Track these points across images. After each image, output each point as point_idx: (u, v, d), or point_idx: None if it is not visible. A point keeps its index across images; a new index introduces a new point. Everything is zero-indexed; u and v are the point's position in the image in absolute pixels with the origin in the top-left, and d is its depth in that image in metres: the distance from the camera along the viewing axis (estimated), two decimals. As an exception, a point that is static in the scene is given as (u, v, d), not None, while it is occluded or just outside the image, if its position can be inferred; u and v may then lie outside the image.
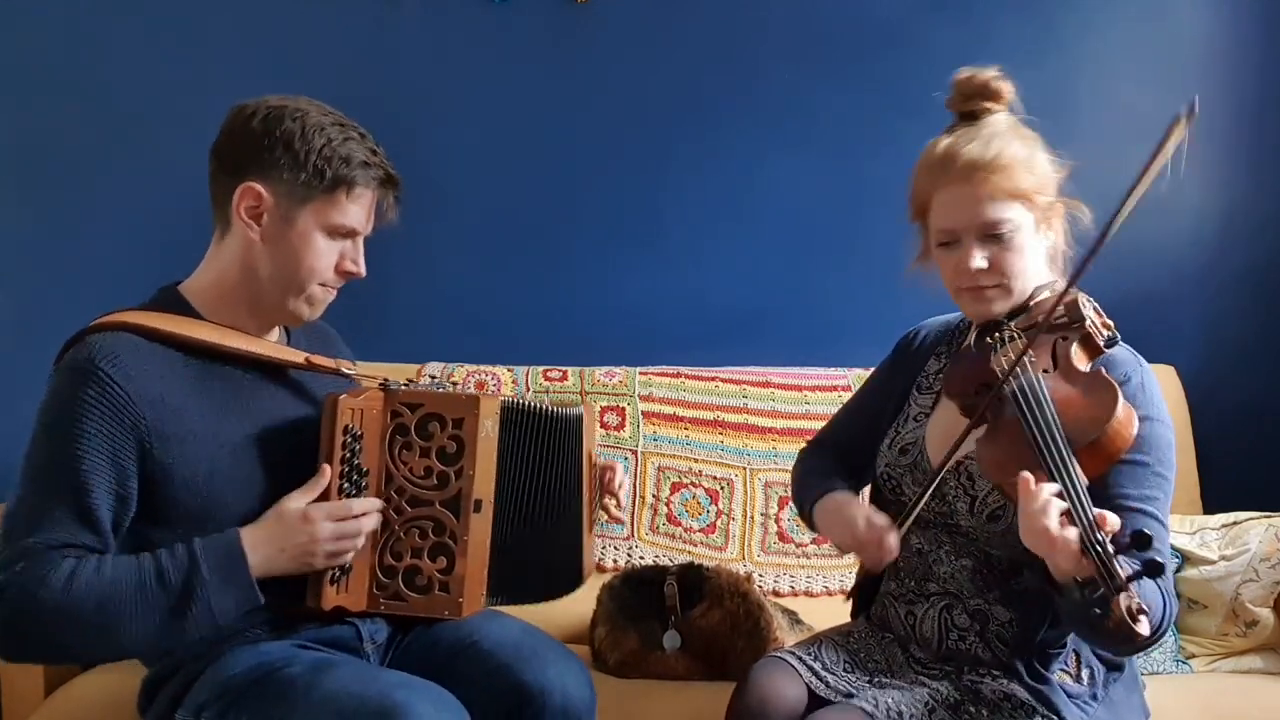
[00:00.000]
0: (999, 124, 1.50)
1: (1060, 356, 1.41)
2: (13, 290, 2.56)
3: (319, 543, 1.42)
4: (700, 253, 2.58)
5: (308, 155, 1.44)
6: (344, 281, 1.54)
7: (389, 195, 1.53)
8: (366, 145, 1.49)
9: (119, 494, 1.36)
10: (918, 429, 1.58)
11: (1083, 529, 1.18)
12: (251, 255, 1.47)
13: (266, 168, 1.44)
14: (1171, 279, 2.53)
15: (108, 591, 1.31)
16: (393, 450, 1.51)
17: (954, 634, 1.50)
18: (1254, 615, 2.03)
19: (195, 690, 1.44)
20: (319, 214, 1.46)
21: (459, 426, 1.52)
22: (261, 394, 1.51)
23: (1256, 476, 2.42)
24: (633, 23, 2.52)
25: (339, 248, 1.50)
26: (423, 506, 1.52)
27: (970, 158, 1.46)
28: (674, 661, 1.91)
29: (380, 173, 1.50)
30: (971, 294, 1.50)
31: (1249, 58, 2.50)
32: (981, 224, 1.46)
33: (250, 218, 1.46)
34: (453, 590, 1.52)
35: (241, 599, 1.38)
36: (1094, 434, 1.28)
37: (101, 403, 1.35)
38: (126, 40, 2.52)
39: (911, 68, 2.50)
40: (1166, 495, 1.39)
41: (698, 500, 2.31)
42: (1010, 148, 1.47)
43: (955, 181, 1.47)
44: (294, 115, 1.46)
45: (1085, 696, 1.44)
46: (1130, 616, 1.10)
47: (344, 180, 1.46)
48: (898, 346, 1.73)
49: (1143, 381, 1.43)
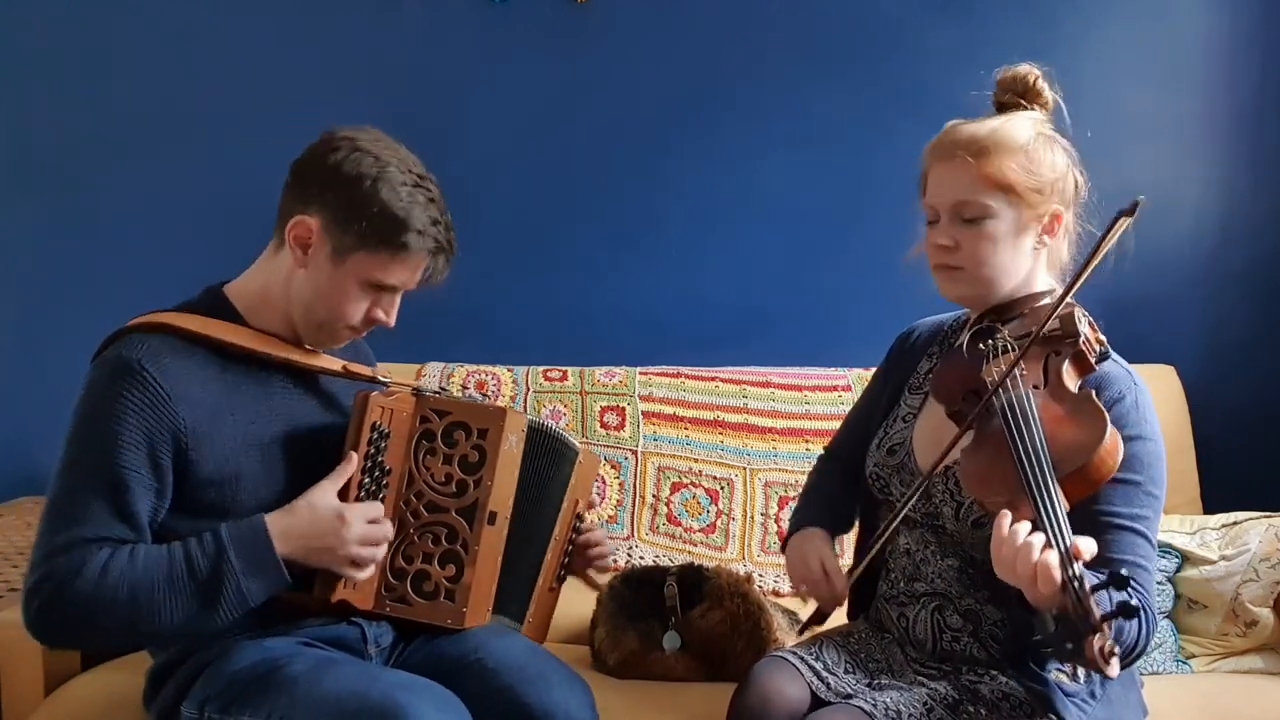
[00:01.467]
0: (1017, 117, 1.49)
1: (1051, 372, 1.40)
2: (14, 290, 2.57)
3: (347, 544, 1.43)
4: (700, 253, 2.58)
5: (369, 208, 1.44)
6: (371, 328, 1.54)
7: (439, 261, 1.52)
8: (430, 213, 1.48)
9: (156, 489, 1.39)
10: (905, 429, 1.58)
11: (1062, 561, 1.16)
12: (294, 278, 1.49)
13: (328, 205, 1.45)
14: (1171, 279, 2.53)
15: (139, 580, 1.34)
16: (417, 454, 1.53)
17: (947, 635, 1.50)
18: (1254, 615, 2.03)
19: (200, 683, 1.45)
20: (363, 266, 1.47)
21: (483, 437, 1.53)
22: (293, 399, 1.53)
23: (1256, 476, 2.42)
24: (633, 23, 2.52)
25: (374, 297, 1.51)
26: (439, 513, 1.53)
27: (961, 137, 1.47)
28: (674, 662, 1.91)
29: (433, 243, 1.49)
30: (940, 272, 1.51)
31: (1249, 58, 2.50)
32: (956, 203, 1.47)
33: (298, 246, 1.47)
34: (458, 599, 1.52)
35: (270, 582, 1.40)
36: (1080, 461, 1.26)
37: (143, 402, 1.37)
38: (130, 41, 2.53)
39: (911, 68, 2.50)
40: (1156, 514, 1.39)
41: (698, 500, 2.31)
42: (1009, 136, 1.46)
43: (944, 159, 1.48)
44: (375, 164, 1.45)
45: (1083, 695, 1.44)
46: (1102, 657, 1.08)
47: (396, 243, 1.46)
48: (893, 346, 1.74)
49: (1136, 400, 1.41)
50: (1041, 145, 1.48)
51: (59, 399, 1.44)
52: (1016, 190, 1.45)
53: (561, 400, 2.35)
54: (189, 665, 1.48)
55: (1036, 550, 1.18)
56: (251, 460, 1.46)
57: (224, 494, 1.44)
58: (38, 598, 1.34)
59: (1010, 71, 1.54)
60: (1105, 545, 1.32)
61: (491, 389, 2.35)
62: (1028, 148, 1.46)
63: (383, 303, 1.52)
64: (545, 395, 2.35)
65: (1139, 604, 1.14)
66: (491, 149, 2.56)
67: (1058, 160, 1.48)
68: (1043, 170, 1.47)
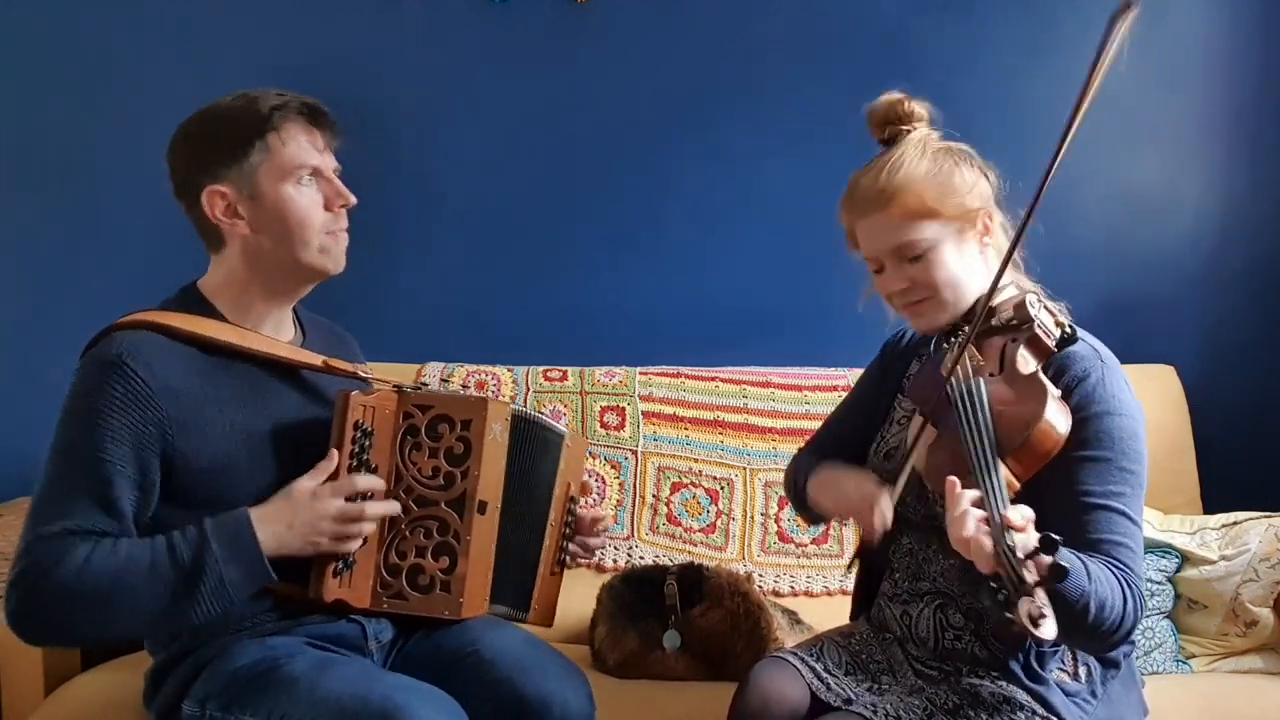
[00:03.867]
0: (905, 147, 1.52)
1: (1007, 359, 1.42)
2: (13, 290, 2.57)
3: (325, 519, 1.44)
4: (700, 253, 2.58)
5: (226, 132, 1.48)
6: (343, 218, 1.55)
7: (322, 122, 1.54)
8: (273, 92, 1.51)
9: (140, 483, 1.40)
10: (900, 433, 1.59)
11: (994, 531, 1.19)
12: (249, 246, 1.51)
13: (210, 169, 1.49)
14: (1171, 279, 2.53)
15: (121, 571, 1.34)
16: (404, 451, 1.53)
17: (949, 633, 1.50)
18: (1254, 615, 2.03)
19: (201, 681, 1.46)
20: (272, 171, 1.49)
21: (466, 428, 1.53)
22: (277, 392, 1.54)
23: (1256, 476, 2.42)
24: (633, 23, 2.52)
25: (316, 190, 1.52)
26: (429, 506, 1.53)
27: (868, 189, 1.51)
28: (674, 661, 1.91)
29: (296, 104, 1.52)
30: (908, 310, 1.54)
31: (1249, 58, 2.50)
32: (894, 248, 1.50)
33: (230, 217, 1.49)
34: (453, 590, 1.52)
35: (252, 574, 1.40)
36: (1021, 436, 1.30)
37: (126, 395, 1.39)
38: (127, 41, 2.53)
39: (911, 68, 2.49)
40: (1135, 489, 1.38)
41: (698, 500, 2.31)
42: (905, 170, 1.49)
43: (863, 213, 1.52)
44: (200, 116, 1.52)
45: (1083, 694, 1.44)
46: (1031, 621, 1.10)
47: (266, 128, 1.48)
48: (883, 349, 1.75)
49: (1103, 376, 1.42)
50: (940, 163, 1.50)
51: (58, 399, 1.44)
52: (941, 214, 1.48)
53: (561, 400, 2.35)
54: (190, 663, 1.48)
55: (972, 521, 1.21)
56: (241, 452, 1.47)
57: (218, 485, 1.44)
58: (18, 590, 1.34)
59: (876, 107, 1.57)
60: (1082, 526, 1.35)
61: (491, 389, 2.35)
62: (930, 173, 1.49)
63: (327, 189, 1.53)
64: (545, 395, 2.35)
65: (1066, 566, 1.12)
66: (491, 149, 2.56)
67: (963, 170, 1.51)
68: (955, 186, 1.49)
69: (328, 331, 1.71)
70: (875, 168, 1.52)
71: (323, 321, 1.73)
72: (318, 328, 1.69)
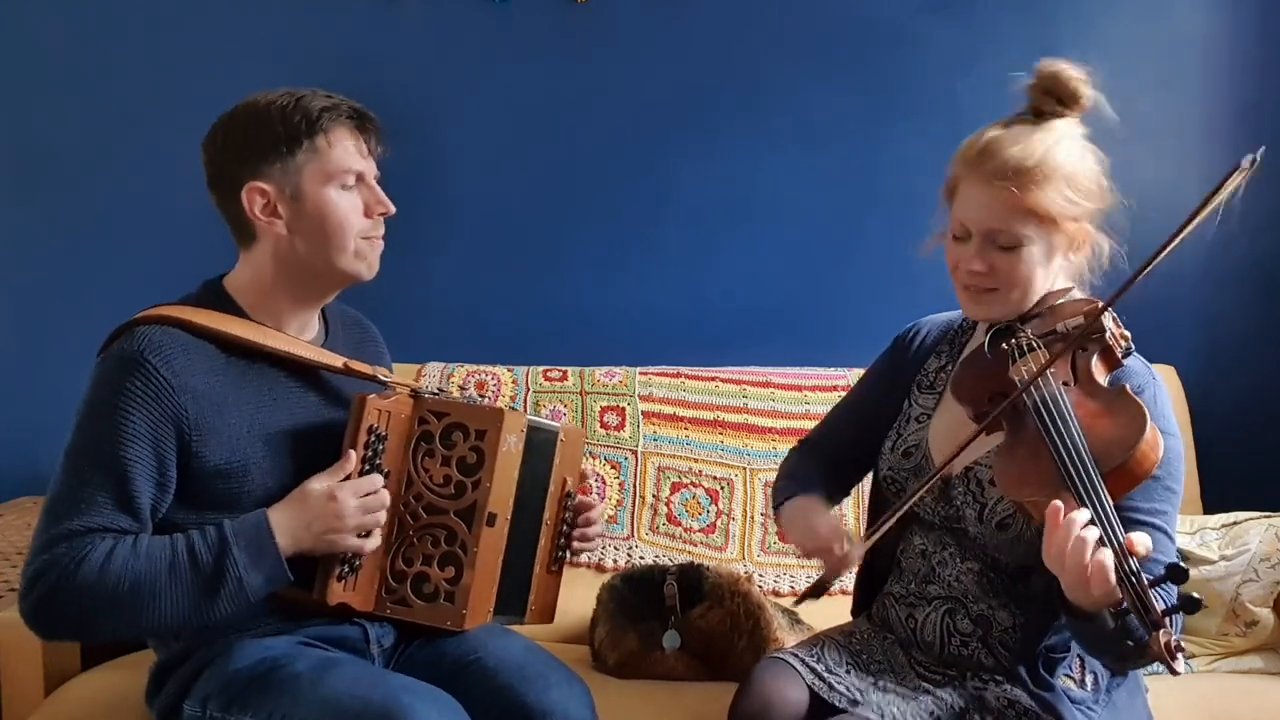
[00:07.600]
0: (1058, 135, 1.43)
1: (1080, 369, 1.37)
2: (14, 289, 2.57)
3: (344, 518, 1.43)
4: (701, 253, 2.57)
5: (274, 130, 1.46)
6: (380, 225, 1.55)
7: (369, 128, 1.54)
8: (317, 95, 1.51)
9: (159, 481, 1.40)
10: (920, 430, 1.56)
11: (1117, 558, 1.15)
12: (283, 247, 1.50)
13: (252, 164, 1.47)
14: (1171, 279, 2.52)
15: (142, 571, 1.34)
16: (416, 456, 1.52)
17: (956, 639, 1.49)
18: (1254, 615, 2.03)
19: (202, 681, 1.46)
20: (316, 173, 1.48)
21: (481, 438, 1.52)
22: (296, 393, 1.53)
23: (1256, 476, 2.42)
24: (633, 23, 2.52)
25: (357, 196, 1.52)
26: (438, 514, 1.52)
27: (1005, 162, 1.40)
28: (674, 661, 1.91)
29: (345, 108, 1.51)
30: (968, 292, 1.48)
31: (1249, 58, 2.50)
32: (990, 229, 1.43)
33: (267, 215, 1.48)
34: (457, 601, 1.51)
35: (271, 577, 1.40)
36: (1121, 456, 1.24)
37: (146, 392, 1.38)
38: (128, 40, 2.52)
39: (912, 68, 2.50)
40: (1174, 509, 1.37)
41: (698, 500, 2.31)
42: (1060, 164, 1.40)
43: (983, 179, 1.41)
44: (245, 110, 1.49)
45: (1089, 702, 1.43)
46: (1169, 653, 1.07)
47: (315, 130, 1.47)
48: (894, 344, 1.70)
49: (1155, 395, 1.40)
50: (1085, 167, 1.43)
51: (58, 398, 1.44)
52: (1057, 222, 1.42)
53: (561, 400, 2.35)
54: (192, 662, 1.48)
55: (1091, 545, 1.16)
56: (258, 452, 1.46)
57: (232, 486, 1.44)
58: (39, 587, 1.34)
59: (1053, 70, 1.45)
60: None
61: (491, 389, 2.35)
62: (1073, 175, 1.41)
63: (367, 195, 1.53)
64: (545, 395, 2.35)
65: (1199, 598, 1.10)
66: (491, 149, 2.55)
67: (1088, 178, 1.44)
68: (1086, 198, 1.43)
69: (353, 323, 1.70)
70: (1029, 141, 1.40)
71: (350, 313, 1.72)
72: (342, 321, 1.67)
